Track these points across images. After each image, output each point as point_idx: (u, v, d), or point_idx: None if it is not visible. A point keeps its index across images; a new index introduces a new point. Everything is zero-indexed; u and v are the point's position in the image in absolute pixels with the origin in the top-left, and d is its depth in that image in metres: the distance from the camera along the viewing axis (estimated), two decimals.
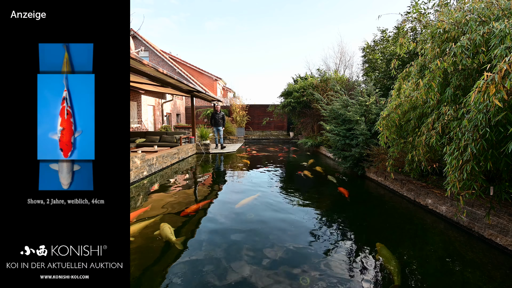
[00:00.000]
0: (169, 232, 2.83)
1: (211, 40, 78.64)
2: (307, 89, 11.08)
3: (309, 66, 26.81)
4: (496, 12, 2.43)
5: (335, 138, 6.05)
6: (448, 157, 2.23)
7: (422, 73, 2.98)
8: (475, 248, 2.61)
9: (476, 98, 1.91)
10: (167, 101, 13.36)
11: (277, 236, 2.82)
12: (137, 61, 4.30)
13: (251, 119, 16.80)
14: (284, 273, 2.14)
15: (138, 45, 17.07)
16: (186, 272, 2.16)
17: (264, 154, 9.44)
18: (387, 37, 7.77)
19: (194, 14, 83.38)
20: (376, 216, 3.67)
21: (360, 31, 37.28)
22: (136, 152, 5.56)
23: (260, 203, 3.90)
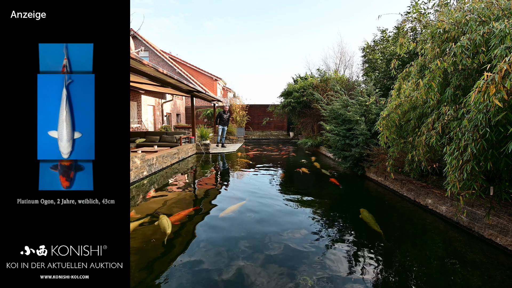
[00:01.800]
0: (166, 225, 2.97)
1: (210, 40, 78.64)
2: (307, 89, 11.08)
3: (309, 66, 26.83)
4: (496, 12, 2.43)
5: (335, 138, 6.05)
6: (448, 157, 2.23)
7: (422, 73, 2.98)
8: (475, 248, 2.61)
9: (476, 98, 1.91)
10: (167, 101, 13.37)
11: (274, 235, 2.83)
12: (137, 61, 4.30)
13: (251, 119, 16.80)
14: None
15: (138, 45, 17.07)
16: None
17: (264, 154, 9.44)
18: (387, 37, 7.77)
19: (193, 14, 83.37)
20: (376, 216, 3.66)
21: (360, 31, 37.31)
22: (136, 152, 5.56)
23: (247, 211, 3.55)
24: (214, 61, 61.44)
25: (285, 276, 2.11)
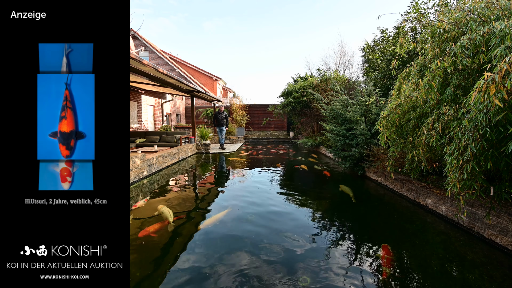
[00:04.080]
0: (168, 214, 3.26)
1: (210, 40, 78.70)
2: (307, 89, 11.08)
3: (309, 66, 26.80)
4: (496, 12, 2.43)
5: (335, 138, 6.05)
6: (448, 157, 2.23)
7: (422, 73, 2.98)
8: (475, 248, 2.61)
9: (476, 98, 1.91)
10: (167, 101, 13.36)
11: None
12: (137, 61, 4.30)
13: (251, 119, 16.79)
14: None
15: (138, 45, 17.06)
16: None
17: (264, 154, 9.44)
18: (387, 37, 7.76)
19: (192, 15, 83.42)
20: (376, 216, 3.67)
21: (360, 31, 37.30)
22: (136, 152, 5.56)
23: (231, 220, 3.28)
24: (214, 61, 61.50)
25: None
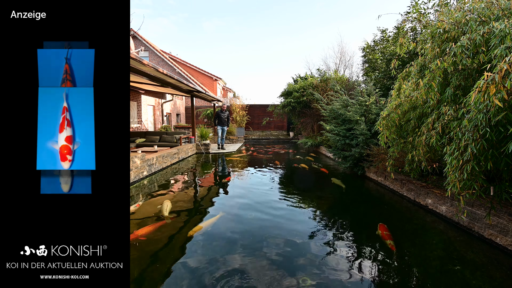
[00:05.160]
0: (165, 208, 3.37)
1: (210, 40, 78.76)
2: (307, 89, 11.08)
3: (309, 66, 26.83)
4: (496, 12, 2.43)
5: (335, 138, 6.05)
6: (448, 157, 2.23)
7: (422, 73, 2.98)
8: (475, 248, 2.61)
9: (476, 98, 1.91)
10: (167, 101, 13.37)
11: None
12: (137, 61, 4.30)
13: (251, 119, 16.79)
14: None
15: (138, 45, 17.06)
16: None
17: (264, 154, 9.44)
18: (387, 37, 7.76)
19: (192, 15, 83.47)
20: (376, 216, 3.67)
21: (360, 31, 37.31)
22: (136, 152, 5.56)
23: (231, 220, 3.25)
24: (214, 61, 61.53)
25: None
